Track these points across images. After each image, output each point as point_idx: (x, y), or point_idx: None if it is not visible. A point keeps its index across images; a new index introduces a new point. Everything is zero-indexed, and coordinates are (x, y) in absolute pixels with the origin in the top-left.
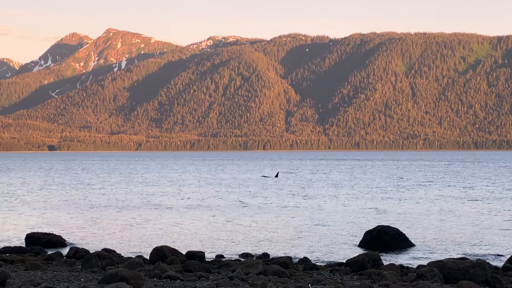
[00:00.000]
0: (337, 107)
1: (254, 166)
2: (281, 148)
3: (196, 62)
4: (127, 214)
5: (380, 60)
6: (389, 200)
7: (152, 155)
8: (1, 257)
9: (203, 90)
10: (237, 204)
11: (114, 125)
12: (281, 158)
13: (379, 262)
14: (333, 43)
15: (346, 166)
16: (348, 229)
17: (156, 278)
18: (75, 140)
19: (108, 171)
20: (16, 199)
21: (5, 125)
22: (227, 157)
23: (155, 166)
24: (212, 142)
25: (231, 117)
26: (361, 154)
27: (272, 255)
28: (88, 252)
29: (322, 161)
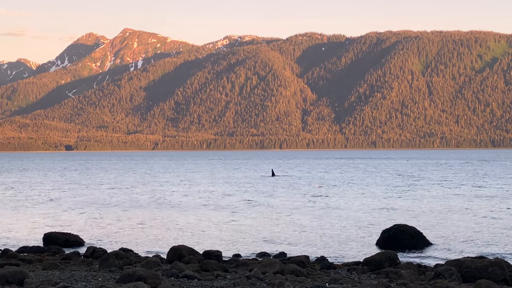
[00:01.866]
0: (353, 106)
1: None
2: (297, 147)
3: (212, 61)
4: (144, 213)
5: (397, 59)
6: (406, 198)
7: (168, 154)
8: (19, 257)
9: (219, 90)
10: (253, 203)
11: (130, 125)
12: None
13: (396, 261)
14: (350, 42)
15: (362, 165)
16: (365, 228)
17: (174, 277)
18: (92, 140)
19: (125, 170)
20: (34, 198)
21: (23, 125)
22: (243, 156)
23: (172, 165)
24: (229, 141)
25: (247, 116)
26: (378, 153)
27: (289, 254)
28: (105, 252)
29: (338, 160)
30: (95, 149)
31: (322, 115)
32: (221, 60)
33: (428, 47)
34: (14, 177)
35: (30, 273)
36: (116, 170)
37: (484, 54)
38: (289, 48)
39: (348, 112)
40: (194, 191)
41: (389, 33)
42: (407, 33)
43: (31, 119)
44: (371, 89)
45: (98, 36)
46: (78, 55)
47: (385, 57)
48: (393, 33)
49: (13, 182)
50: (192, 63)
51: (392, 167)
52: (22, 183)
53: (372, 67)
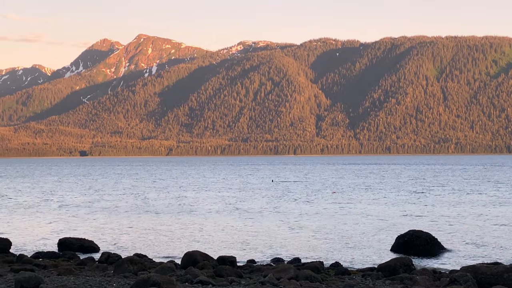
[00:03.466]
0: (368, 112)
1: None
2: (311, 152)
3: (227, 67)
4: (159, 219)
5: (411, 64)
6: (421, 204)
7: (183, 160)
8: (34, 262)
9: (233, 95)
10: (267, 209)
11: (145, 131)
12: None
13: (411, 267)
14: (364, 48)
15: (377, 171)
16: (380, 233)
17: (188, 283)
18: (106, 146)
19: (140, 176)
20: (48, 204)
21: (38, 131)
22: (257, 162)
23: (186, 171)
24: (243, 147)
25: (261, 122)
26: (392, 159)
27: (304, 260)
28: (120, 257)
29: (352, 165)
30: (109, 154)
31: (336, 120)
32: (235, 65)
33: (443, 52)
34: (29, 182)
35: (45, 278)
36: (130, 176)
37: (499, 59)
38: (303, 53)
39: (362, 118)
40: (208, 196)
41: (404, 39)
42: (422, 39)
43: (46, 124)
44: (385, 94)
45: (113, 42)
46: (92, 61)
47: (399, 63)
48: (408, 38)
49: (27, 188)
50: (206, 69)
51: (407, 172)
52: (36, 188)
53: (387, 72)
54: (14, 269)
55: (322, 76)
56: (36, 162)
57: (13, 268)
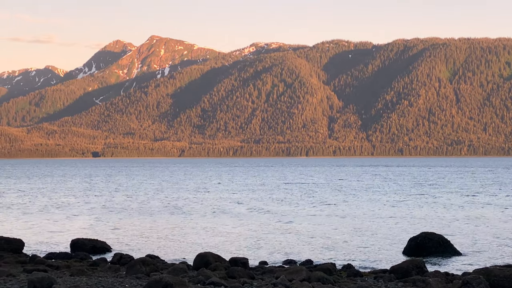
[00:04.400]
0: (380, 113)
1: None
2: (324, 154)
3: (239, 68)
4: (171, 220)
5: (424, 66)
6: (433, 206)
7: (195, 161)
8: (47, 263)
9: (245, 97)
10: (279, 211)
11: (157, 132)
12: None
13: (423, 269)
14: (376, 49)
15: (388, 172)
16: (392, 235)
17: (200, 284)
18: (119, 147)
19: (152, 177)
20: (61, 205)
21: (50, 132)
22: (270, 163)
23: (198, 172)
24: (255, 149)
25: (274, 123)
26: (405, 161)
27: (316, 262)
28: (132, 258)
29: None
30: (122, 156)
31: (348, 122)
32: (247, 67)
33: (456, 54)
34: (42, 183)
35: (58, 279)
36: (143, 177)
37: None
38: (316, 55)
39: (375, 120)
40: (222, 198)
41: (416, 40)
42: (435, 40)
43: (58, 126)
44: (398, 96)
45: (125, 43)
46: (105, 62)
47: (412, 64)
48: (421, 40)
49: (40, 188)
50: (218, 70)
51: (419, 174)
52: (49, 189)
53: (399, 74)
54: (27, 269)
55: (335, 77)
56: (49, 163)
57: (26, 269)
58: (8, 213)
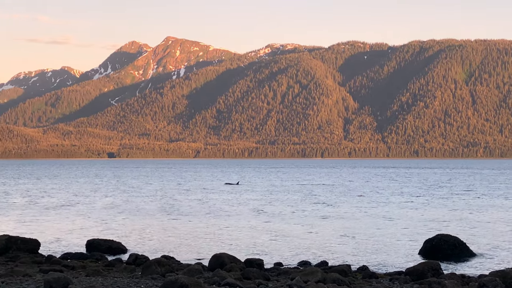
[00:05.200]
0: (395, 115)
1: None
2: (339, 156)
3: (254, 69)
4: (186, 221)
5: (440, 68)
6: (448, 208)
7: (210, 162)
8: (62, 263)
9: (261, 98)
10: (295, 212)
11: (172, 133)
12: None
13: (439, 271)
14: (392, 51)
15: (405, 174)
16: (407, 237)
17: (215, 285)
18: (134, 148)
19: (167, 178)
20: (77, 205)
21: (66, 133)
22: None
23: (213, 173)
24: (270, 150)
25: (289, 124)
26: (420, 162)
27: (331, 263)
28: (147, 259)
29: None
30: (137, 156)
31: (364, 124)
32: (263, 68)
33: (472, 56)
34: (57, 183)
35: (74, 279)
36: (158, 178)
37: None
38: (331, 56)
39: (390, 121)
40: (236, 198)
41: (432, 42)
42: (451, 42)
43: (74, 126)
44: (413, 98)
45: (141, 44)
46: (121, 63)
47: (428, 66)
48: (437, 41)
49: (55, 189)
50: (234, 71)
51: (434, 176)
52: (64, 189)
53: (415, 75)
54: (43, 269)
55: (350, 79)
56: (64, 163)
57: (42, 269)
58: (24, 213)
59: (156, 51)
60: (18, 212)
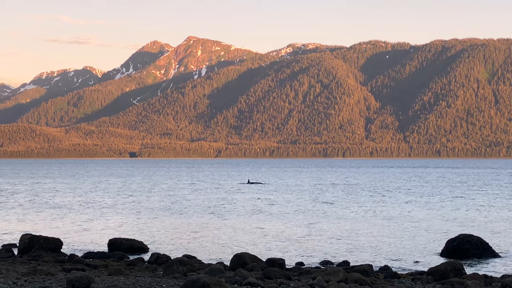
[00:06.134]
0: (417, 114)
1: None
2: (360, 155)
3: (276, 69)
4: (207, 220)
5: (462, 67)
6: (471, 208)
7: (232, 162)
8: (85, 262)
9: (282, 98)
10: (316, 212)
11: (194, 132)
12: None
13: (462, 271)
14: (414, 50)
15: (426, 174)
16: (430, 237)
17: (237, 284)
18: (155, 147)
19: (189, 177)
20: (98, 204)
21: (88, 132)
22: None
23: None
24: (292, 149)
25: (310, 124)
26: (442, 162)
27: (353, 263)
28: (169, 258)
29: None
30: (158, 156)
31: (386, 123)
32: (284, 68)
33: (495, 55)
34: (79, 182)
35: (96, 278)
36: (179, 177)
37: None
38: (353, 56)
39: (412, 121)
40: (257, 198)
41: (455, 41)
42: (473, 41)
43: (96, 126)
44: (435, 97)
45: (163, 44)
46: (142, 63)
47: (450, 65)
48: (459, 41)
49: (78, 188)
50: (255, 71)
51: (457, 176)
52: (86, 188)
53: (437, 75)
54: (65, 268)
55: (372, 78)
56: (86, 163)
57: (65, 268)
58: (47, 213)
59: (177, 51)
60: (41, 211)
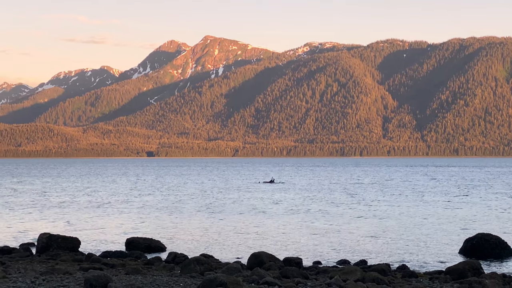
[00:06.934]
0: (435, 113)
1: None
2: (378, 154)
3: (293, 68)
4: (224, 219)
5: (480, 65)
6: (489, 207)
7: (249, 161)
8: (102, 261)
9: (299, 97)
10: (333, 211)
11: (211, 132)
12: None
13: (480, 271)
14: (432, 48)
15: (445, 173)
16: (448, 236)
17: (254, 283)
18: (173, 146)
19: (206, 176)
20: (116, 204)
21: (106, 132)
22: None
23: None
24: (309, 148)
25: (327, 123)
26: (460, 161)
27: (370, 262)
28: (186, 257)
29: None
30: (176, 155)
31: (403, 122)
32: (301, 67)
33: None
34: (97, 182)
35: (114, 277)
36: (196, 177)
37: None
38: (370, 54)
39: (429, 119)
40: (274, 198)
41: (473, 39)
42: (491, 39)
43: (113, 125)
44: (453, 96)
45: (180, 44)
46: (160, 62)
47: (468, 64)
48: (477, 39)
49: (95, 187)
50: (272, 70)
51: (475, 175)
52: (104, 188)
53: (455, 73)
54: (83, 267)
55: (389, 77)
56: (104, 162)
57: (82, 267)
58: (65, 212)
59: (194, 50)
60: (59, 210)
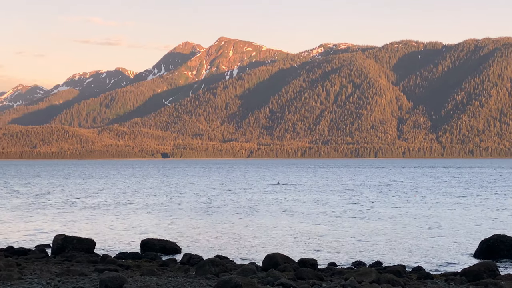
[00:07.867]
0: (450, 114)
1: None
2: (392, 155)
3: (307, 69)
4: (239, 221)
5: (495, 66)
6: (505, 209)
7: (264, 162)
8: (118, 262)
9: (314, 98)
10: (349, 212)
11: (226, 133)
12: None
13: (496, 272)
14: (446, 49)
15: (460, 174)
16: (463, 238)
17: (269, 285)
18: (187, 148)
19: (221, 177)
20: (131, 205)
21: (120, 133)
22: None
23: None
24: (323, 150)
25: (342, 124)
26: (476, 162)
27: (385, 264)
28: (201, 259)
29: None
30: (190, 156)
31: (418, 123)
32: (316, 68)
33: None
34: (112, 183)
35: (129, 278)
36: (211, 178)
37: None
38: (385, 55)
39: (444, 120)
40: (288, 199)
41: (488, 40)
42: (506, 40)
43: (128, 127)
44: (468, 97)
45: (194, 45)
46: (174, 63)
47: (483, 65)
48: (492, 40)
49: (110, 189)
50: (287, 71)
51: (490, 176)
52: (120, 189)
53: (470, 74)
54: (98, 269)
55: (404, 78)
56: (119, 164)
57: (98, 268)
58: (80, 213)
59: (209, 52)
60: (74, 211)
